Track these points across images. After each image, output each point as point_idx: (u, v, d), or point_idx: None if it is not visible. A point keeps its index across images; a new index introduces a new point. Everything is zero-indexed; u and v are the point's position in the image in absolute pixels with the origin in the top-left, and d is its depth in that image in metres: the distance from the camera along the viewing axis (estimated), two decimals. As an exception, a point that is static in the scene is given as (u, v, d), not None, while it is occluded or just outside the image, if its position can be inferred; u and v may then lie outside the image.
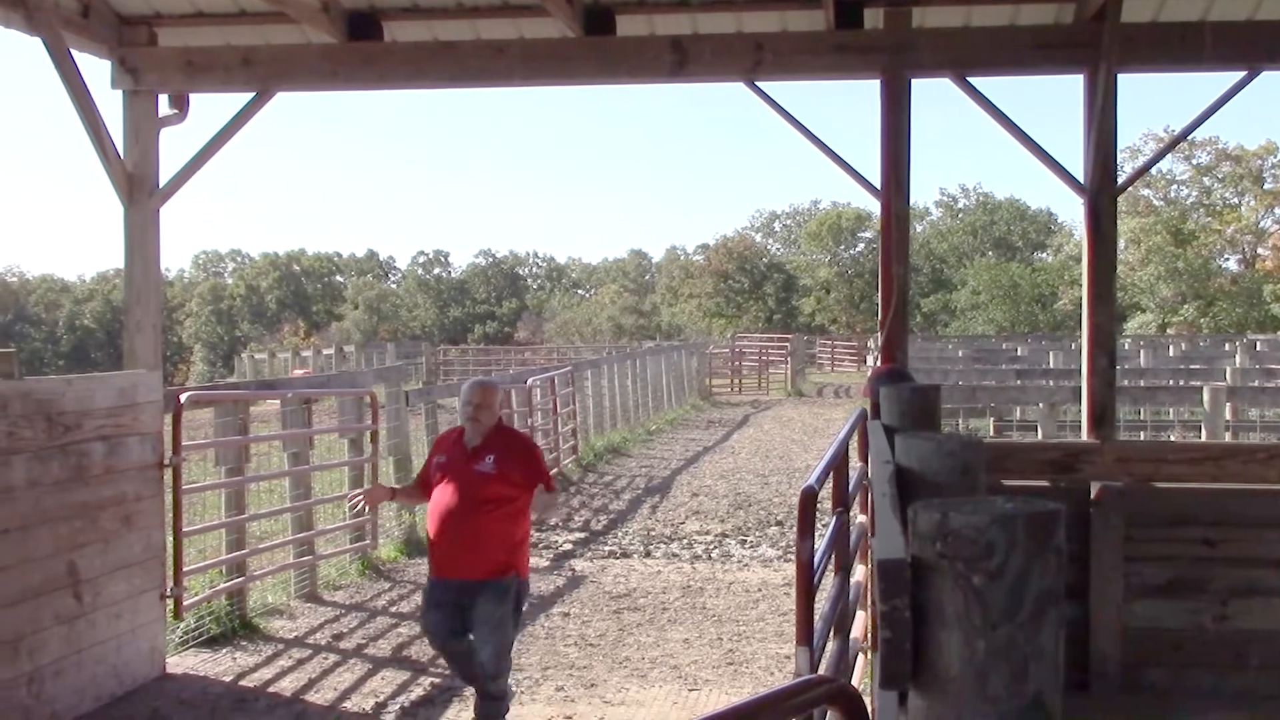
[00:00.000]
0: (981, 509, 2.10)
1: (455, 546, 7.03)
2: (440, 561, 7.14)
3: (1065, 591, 2.10)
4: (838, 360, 56.49)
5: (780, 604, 11.05)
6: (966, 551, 2.06)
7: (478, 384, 7.38)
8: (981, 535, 2.05)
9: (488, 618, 7.05)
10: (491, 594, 7.03)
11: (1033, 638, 2.05)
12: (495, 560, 7.05)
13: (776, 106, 9.08)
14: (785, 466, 21.58)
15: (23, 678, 7.43)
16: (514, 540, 7.19)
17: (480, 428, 7.21)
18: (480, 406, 7.20)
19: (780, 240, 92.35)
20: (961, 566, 2.06)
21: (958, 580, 2.06)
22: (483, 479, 7.06)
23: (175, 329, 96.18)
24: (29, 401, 7.57)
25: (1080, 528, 6.21)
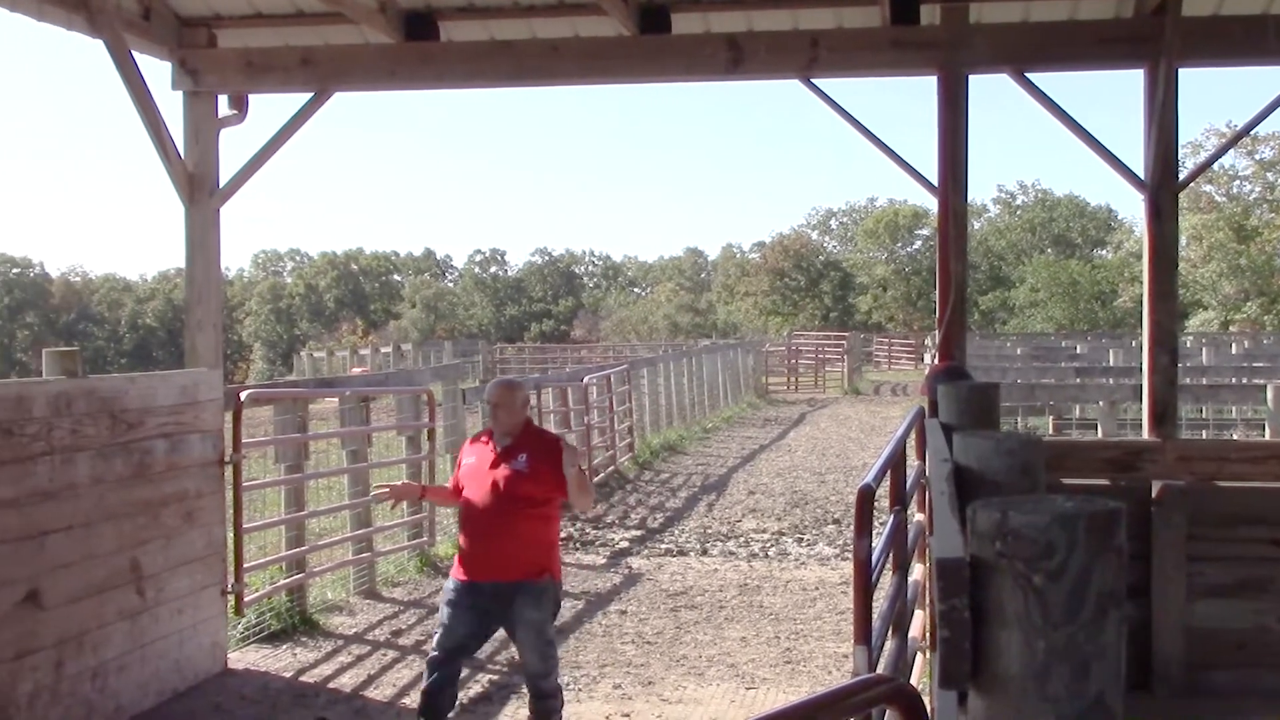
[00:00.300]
0: (1041, 508, 2.09)
1: (490, 547, 6.87)
2: (473, 563, 6.93)
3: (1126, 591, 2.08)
4: (894, 358, 56.23)
5: (838, 602, 11.01)
6: (1026, 551, 2.05)
7: (498, 383, 7.26)
8: (1042, 535, 2.04)
9: (529, 622, 6.89)
10: (530, 597, 6.86)
11: (1094, 638, 2.03)
12: (530, 561, 6.89)
13: (832, 103, 9.05)
14: (842, 464, 21.50)
15: (87, 672, 7.53)
16: (548, 541, 7.05)
17: (504, 427, 7.05)
18: (498, 405, 7.04)
19: (837, 238, 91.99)
20: (1021, 566, 2.05)
21: (1018, 580, 2.05)
22: (516, 478, 6.90)
23: (235, 327, 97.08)
24: (93, 399, 7.66)
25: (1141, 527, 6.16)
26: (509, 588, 6.83)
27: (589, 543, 14.31)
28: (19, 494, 6.96)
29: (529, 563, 6.87)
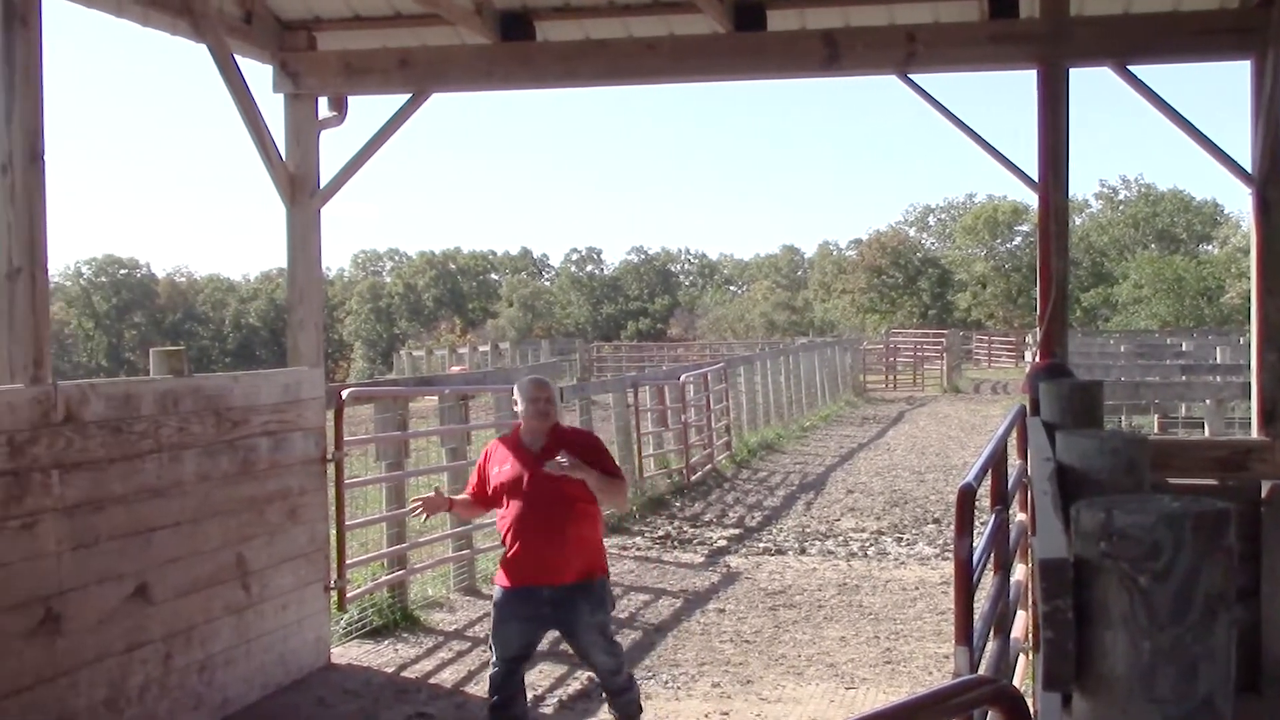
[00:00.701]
0: (1147, 507, 2.05)
1: (544, 552, 6.74)
2: (527, 570, 6.81)
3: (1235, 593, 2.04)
4: (995, 356, 55.63)
5: (938, 603, 10.92)
6: (1132, 551, 2.01)
7: (537, 380, 7.11)
8: (1148, 535, 2.01)
9: (594, 624, 6.83)
10: (590, 599, 6.81)
11: (1202, 639, 1.99)
12: (585, 563, 6.84)
13: (930, 99, 8.96)
14: (942, 463, 21.31)
15: (195, 665, 7.67)
16: (596, 540, 7.01)
17: (546, 423, 6.93)
18: (549, 400, 6.95)
19: (935, 234, 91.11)
20: (1127, 566, 2.02)
21: (1123, 580, 2.02)
22: (560, 478, 6.76)
23: (336, 327, 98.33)
24: (198, 398, 7.79)
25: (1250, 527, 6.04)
26: (567, 591, 6.76)
27: (687, 541, 14.31)
28: (128, 491, 7.10)
29: (584, 564, 6.83)
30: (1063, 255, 8.64)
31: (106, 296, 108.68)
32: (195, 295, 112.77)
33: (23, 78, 6.88)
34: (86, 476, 6.78)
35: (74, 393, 6.78)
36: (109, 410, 6.99)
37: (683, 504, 16.98)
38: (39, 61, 6.98)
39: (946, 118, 9.01)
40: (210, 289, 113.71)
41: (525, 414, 6.96)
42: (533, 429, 6.94)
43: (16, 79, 6.86)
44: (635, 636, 10.03)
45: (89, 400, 6.85)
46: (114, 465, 7.00)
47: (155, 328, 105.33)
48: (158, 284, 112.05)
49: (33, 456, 6.42)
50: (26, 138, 6.90)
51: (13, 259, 6.91)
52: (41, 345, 6.97)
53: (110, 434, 6.98)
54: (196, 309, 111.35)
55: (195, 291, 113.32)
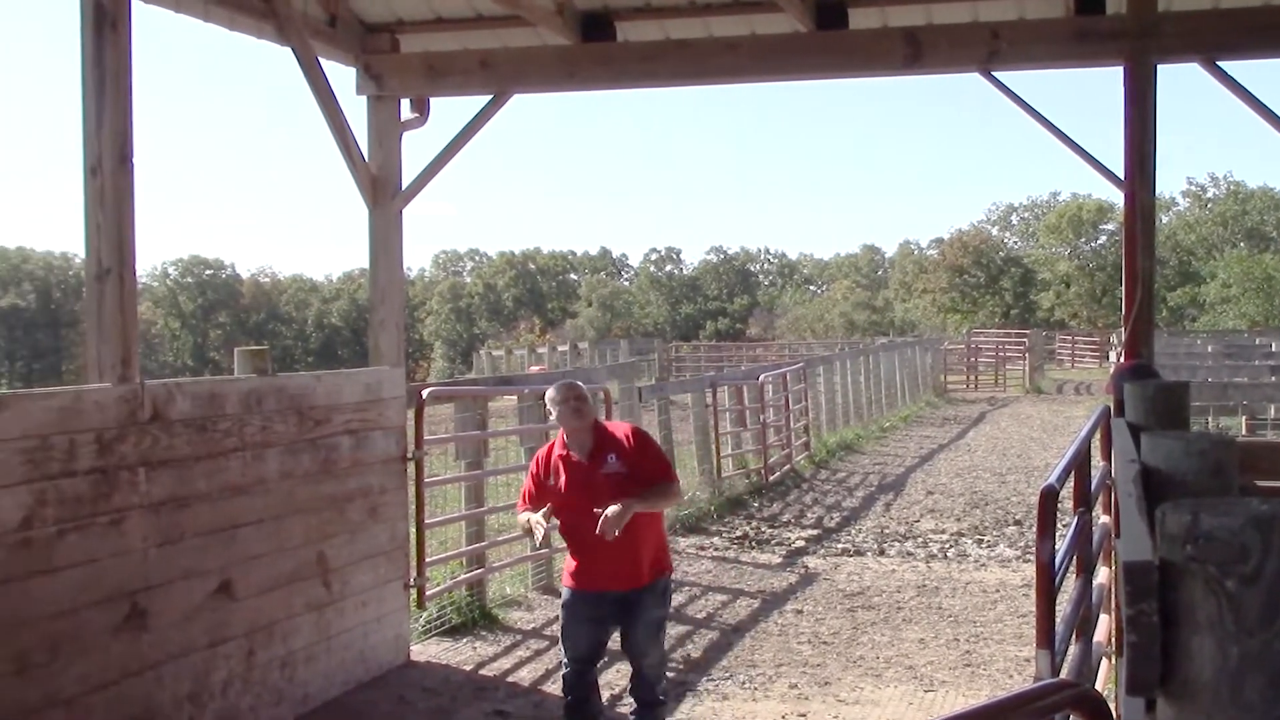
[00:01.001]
0: (1235, 510, 2.02)
1: (613, 559, 6.62)
2: (596, 576, 6.73)
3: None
4: (1078, 356, 54.95)
5: (1019, 605, 10.80)
6: (1219, 554, 1.98)
7: (571, 384, 6.98)
8: (1235, 537, 1.97)
9: (652, 620, 6.78)
10: (653, 598, 6.76)
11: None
12: (656, 562, 6.79)
13: (1014, 96, 8.87)
14: (1023, 465, 21.09)
15: (277, 661, 7.75)
16: (661, 538, 6.93)
17: (585, 424, 6.78)
18: (580, 399, 6.80)
19: (1018, 233, 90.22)
20: (1214, 570, 1.99)
21: (1210, 584, 1.99)
22: (619, 480, 6.62)
23: (417, 326, 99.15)
24: (282, 397, 7.88)
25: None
26: (635, 593, 6.72)
27: (764, 541, 14.28)
28: (212, 488, 7.19)
29: (654, 564, 6.78)
30: (1149, 254, 8.52)
31: (192, 297, 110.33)
32: (279, 295, 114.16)
33: (113, 81, 6.99)
34: (172, 474, 6.88)
35: (160, 392, 6.88)
36: (194, 409, 7.08)
37: (761, 504, 16.94)
38: (128, 65, 7.09)
39: (1030, 115, 8.92)
40: (293, 289, 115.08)
41: (560, 417, 6.82)
42: (574, 432, 6.80)
43: (107, 83, 6.98)
44: (712, 637, 10.02)
45: (175, 399, 6.95)
46: (199, 463, 7.09)
47: (240, 327, 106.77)
48: (242, 284, 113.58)
49: (120, 454, 6.52)
50: (116, 140, 7.01)
51: (102, 260, 7.03)
52: (129, 345, 7.08)
53: (195, 432, 7.07)
54: (280, 309, 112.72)
55: (279, 292, 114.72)
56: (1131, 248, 8.52)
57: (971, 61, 8.83)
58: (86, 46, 6.98)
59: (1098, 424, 6.95)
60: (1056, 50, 8.75)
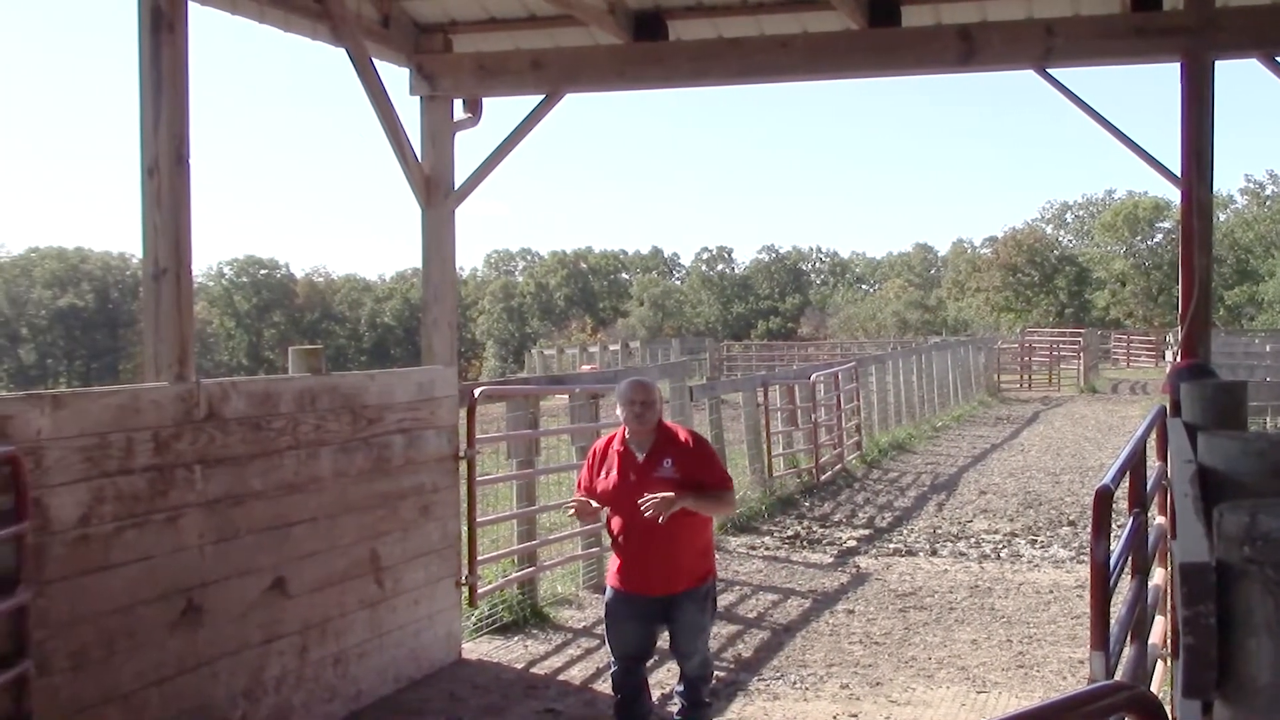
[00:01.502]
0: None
1: (654, 561, 6.65)
2: (637, 577, 6.74)
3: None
4: (1133, 355, 54.46)
5: (1073, 606, 10.73)
6: (1277, 555, 1.96)
7: (638, 382, 6.92)
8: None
9: (692, 626, 6.75)
10: (696, 602, 6.73)
11: (1352, 648, 1.94)
12: (696, 568, 6.75)
13: (1070, 94, 8.80)
14: (1078, 465, 20.93)
15: (330, 658, 7.81)
16: (707, 544, 6.90)
17: (647, 425, 6.76)
18: (646, 404, 6.74)
19: (1072, 231, 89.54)
20: (1272, 571, 1.97)
21: (1268, 586, 1.97)
22: (668, 486, 6.59)
23: (469, 326, 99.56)
24: (335, 396, 7.93)
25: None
26: (675, 597, 6.69)
27: (816, 541, 14.24)
28: (267, 486, 7.25)
29: (694, 571, 6.74)
30: (1206, 252, 8.44)
31: (247, 296, 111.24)
32: (332, 295, 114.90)
33: (169, 82, 7.06)
34: (227, 472, 6.95)
35: (216, 390, 6.94)
36: (249, 407, 7.14)
37: (812, 504, 16.89)
38: (185, 66, 7.16)
39: (1086, 112, 8.84)
40: (347, 289, 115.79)
41: (624, 417, 6.83)
42: (635, 433, 6.80)
43: (164, 83, 7.05)
44: (763, 636, 10.00)
45: (230, 398, 7.02)
46: (254, 461, 7.15)
47: (294, 327, 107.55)
48: (296, 284, 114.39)
49: (177, 452, 6.59)
50: (173, 141, 7.08)
51: (159, 260, 7.10)
52: (185, 344, 7.15)
53: (250, 430, 7.13)
54: (334, 308, 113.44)
55: (332, 291, 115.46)
56: (1188, 245, 8.43)
57: (1026, 58, 8.77)
58: (144, 48, 7.06)
59: (1153, 424, 6.89)
60: (1113, 46, 8.67)
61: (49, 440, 5.80)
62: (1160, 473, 6.80)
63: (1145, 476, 5.98)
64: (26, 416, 5.70)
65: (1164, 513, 7.34)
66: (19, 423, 5.64)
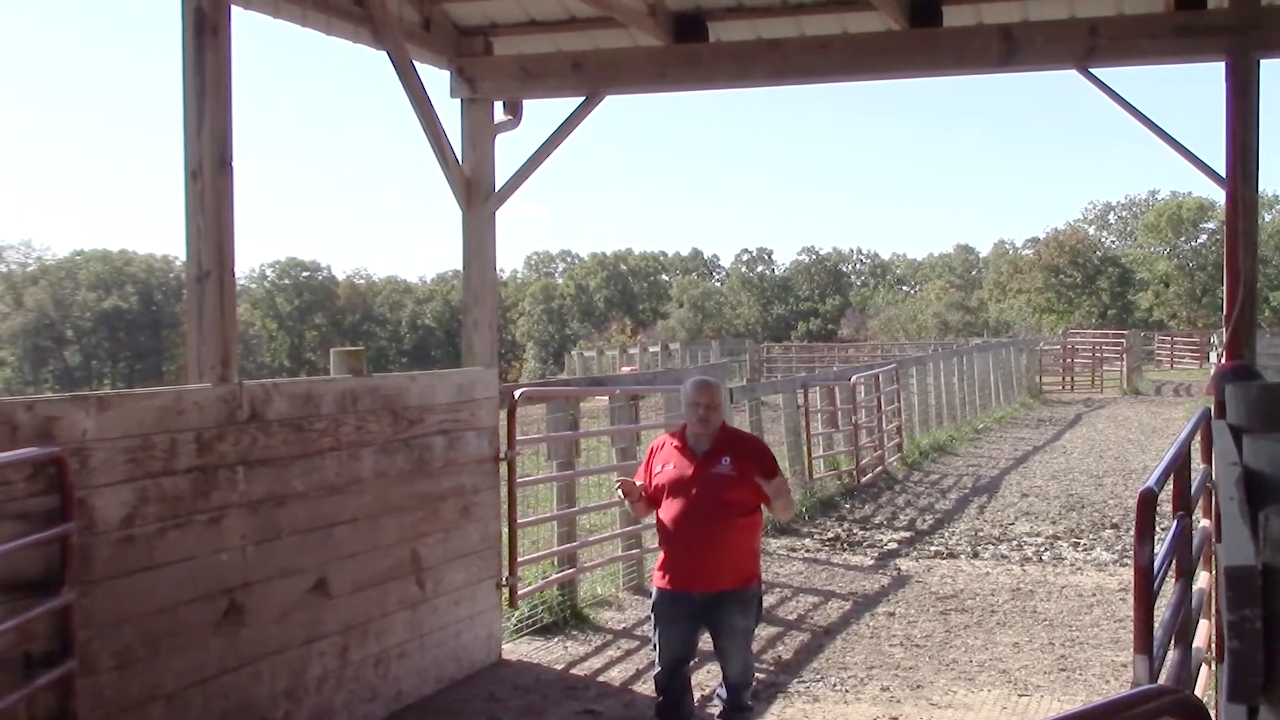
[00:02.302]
0: (1341, 515, 1.98)
1: (699, 558, 6.67)
2: (681, 574, 6.74)
3: None
4: (1177, 357, 54.03)
5: (1116, 610, 10.65)
6: (1324, 560, 1.94)
7: (704, 382, 6.93)
8: (1341, 543, 1.93)
9: (735, 631, 6.75)
10: (738, 605, 6.72)
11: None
12: (741, 569, 6.73)
13: (1112, 94, 8.75)
14: (1121, 467, 20.79)
15: (371, 658, 7.84)
16: (754, 548, 6.90)
17: (709, 428, 6.80)
18: (710, 406, 6.78)
19: (1115, 232, 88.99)
20: (1319, 576, 1.95)
21: (1315, 590, 1.95)
22: (724, 483, 6.66)
23: (509, 327, 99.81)
24: (376, 397, 7.97)
25: None
26: (718, 596, 6.69)
27: (856, 543, 14.20)
28: (308, 487, 7.29)
29: (738, 571, 6.72)
30: (1251, 253, 8.37)
31: (289, 298, 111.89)
32: (374, 297, 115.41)
33: (213, 86, 7.11)
34: (269, 473, 6.98)
35: (258, 392, 6.98)
36: (291, 409, 7.18)
37: (852, 506, 16.85)
38: (228, 70, 7.21)
39: (1129, 112, 8.79)
40: (388, 290, 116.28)
41: (687, 418, 6.89)
42: (697, 434, 6.85)
43: (207, 87, 7.10)
44: (803, 638, 9.98)
45: (272, 399, 7.05)
46: (295, 462, 7.19)
47: (335, 328, 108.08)
48: (338, 286, 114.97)
49: (219, 453, 6.63)
50: (216, 144, 7.13)
51: (202, 262, 7.15)
52: (228, 346, 7.20)
53: (292, 432, 7.17)
54: (375, 310, 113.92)
55: (374, 293, 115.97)
56: (1233, 246, 8.37)
57: (1069, 58, 8.73)
58: (187, 52, 7.12)
59: (1198, 426, 6.84)
60: (1156, 46, 8.61)
61: (94, 441, 5.85)
62: (1205, 475, 6.74)
63: (1190, 479, 5.93)
64: (72, 418, 5.75)
65: (1209, 516, 7.28)
66: (65, 424, 5.69)
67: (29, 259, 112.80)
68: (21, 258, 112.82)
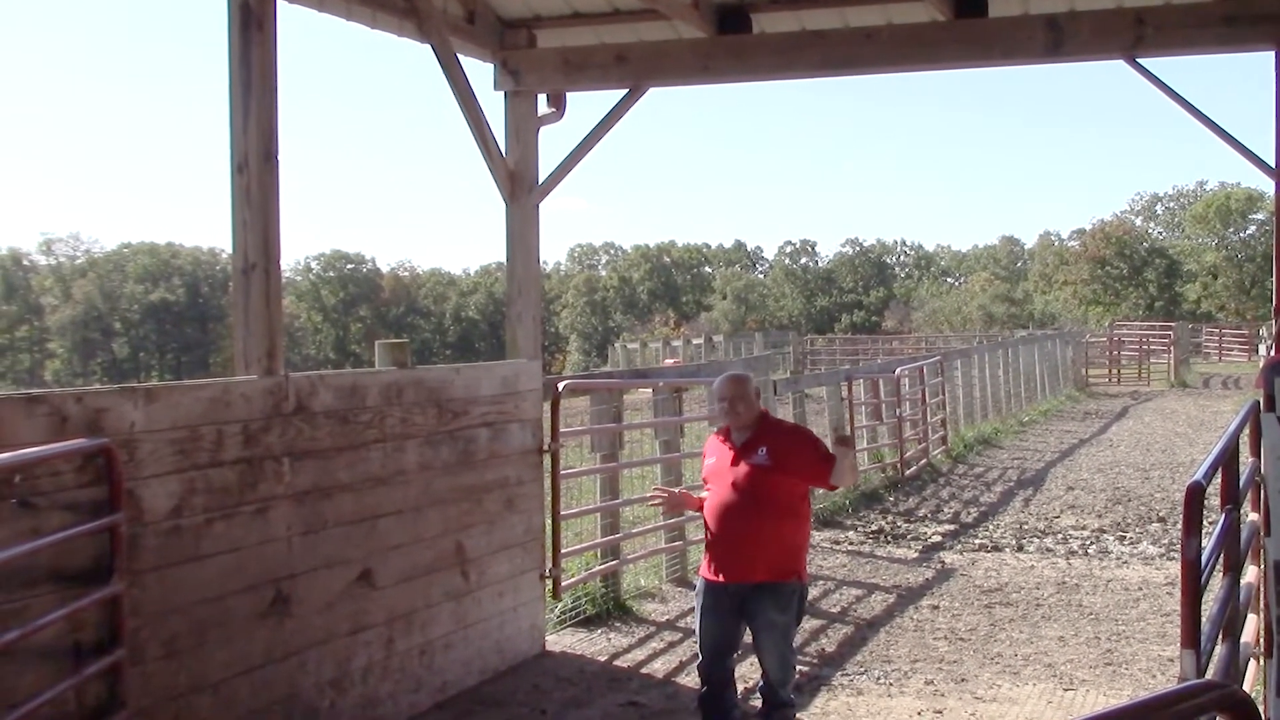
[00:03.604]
0: (1392, 509, 1.96)
1: (735, 546, 6.68)
2: (719, 564, 6.76)
3: None
4: (1225, 349, 53.53)
5: (1163, 604, 10.58)
6: (1375, 554, 1.92)
7: (729, 377, 6.96)
8: (1392, 537, 1.91)
9: (771, 625, 6.71)
10: (773, 599, 6.67)
11: None
12: (776, 561, 6.68)
13: (1160, 84, 8.68)
14: (1168, 460, 20.62)
15: (416, 649, 7.88)
16: (795, 543, 6.83)
17: (742, 421, 6.80)
18: (735, 399, 6.78)
19: (1162, 224, 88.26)
20: (1369, 570, 1.93)
21: (1365, 585, 1.93)
22: (759, 472, 6.67)
23: (552, 320, 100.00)
24: (420, 389, 8.00)
25: None
26: (754, 589, 6.67)
27: (900, 536, 14.15)
28: (354, 479, 7.33)
29: (775, 563, 6.68)
30: (1301, 244, 8.29)
31: (334, 290, 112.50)
32: (418, 289, 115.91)
33: (259, 80, 7.15)
34: (315, 464, 7.03)
35: (304, 384, 7.02)
36: (336, 401, 7.22)
37: (896, 499, 16.79)
38: (274, 64, 7.25)
39: (1177, 102, 8.72)
40: (432, 283, 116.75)
41: (719, 412, 6.99)
42: (736, 424, 6.87)
43: (253, 81, 7.14)
44: (847, 631, 9.96)
45: (318, 391, 7.10)
46: (341, 454, 7.23)
47: (380, 321, 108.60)
48: (382, 278, 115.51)
49: (266, 445, 6.68)
50: (261, 138, 7.17)
51: (248, 255, 7.20)
52: (274, 338, 7.24)
53: (338, 424, 7.21)
54: (419, 302, 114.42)
55: (418, 285, 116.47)
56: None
57: (1116, 48, 8.66)
58: (233, 46, 7.16)
59: (1246, 419, 6.78)
60: (1204, 35, 8.54)
61: (142, 433, 5.90)
62: (1253, 469, 6.69)
63: (1238, 473, 5.89)
64: (120, 410, 5.80)
65: (1257, 509, 7.21)
66: (113, 416, 5.75)
67: (78, 252, 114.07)
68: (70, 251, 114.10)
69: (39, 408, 5.40)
